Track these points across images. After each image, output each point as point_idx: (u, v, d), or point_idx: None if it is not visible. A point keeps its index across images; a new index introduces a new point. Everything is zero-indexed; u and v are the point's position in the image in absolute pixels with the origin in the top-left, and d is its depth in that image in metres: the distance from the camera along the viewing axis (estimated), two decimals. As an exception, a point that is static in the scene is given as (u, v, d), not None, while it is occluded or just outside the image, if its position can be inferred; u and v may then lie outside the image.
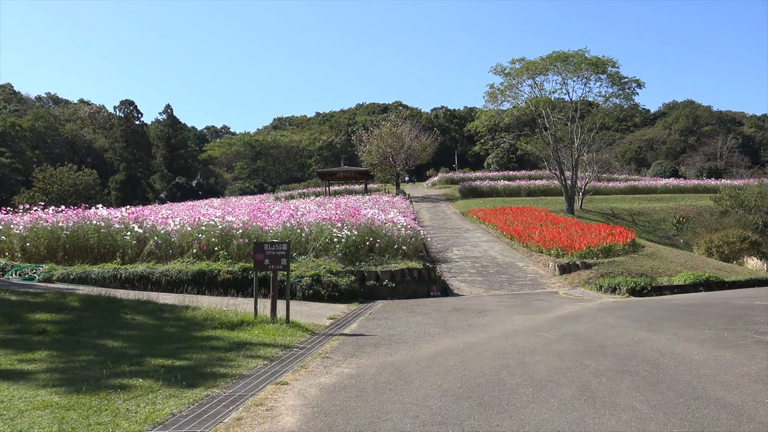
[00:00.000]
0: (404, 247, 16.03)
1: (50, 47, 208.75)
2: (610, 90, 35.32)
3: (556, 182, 39.03)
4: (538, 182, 48.63)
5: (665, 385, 5.70)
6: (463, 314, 11.00)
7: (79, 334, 8.09)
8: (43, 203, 19.33)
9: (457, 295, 14.71)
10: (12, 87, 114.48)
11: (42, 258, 15.45)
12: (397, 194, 44.04)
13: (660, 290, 14.90)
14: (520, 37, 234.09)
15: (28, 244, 15.87)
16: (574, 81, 35.38)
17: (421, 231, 19.14)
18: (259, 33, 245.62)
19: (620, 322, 9.55)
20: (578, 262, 17.22)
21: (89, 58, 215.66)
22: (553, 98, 36.84)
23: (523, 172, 58.68)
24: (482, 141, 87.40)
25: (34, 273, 13.92)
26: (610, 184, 50.21)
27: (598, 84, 36.02)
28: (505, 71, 35.99)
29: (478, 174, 60.50)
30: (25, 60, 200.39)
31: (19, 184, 66.95)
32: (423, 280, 14.60)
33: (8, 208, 19.08)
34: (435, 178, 62.52)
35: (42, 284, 13.05)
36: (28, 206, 18.56)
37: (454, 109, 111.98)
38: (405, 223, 17.53)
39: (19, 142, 77.31)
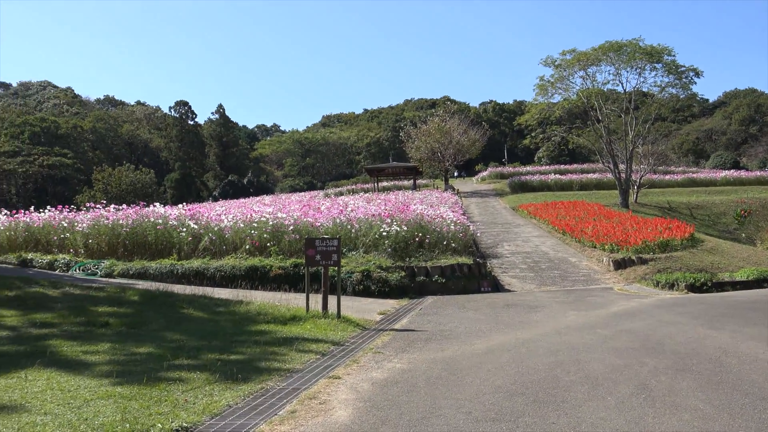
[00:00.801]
0: (453, 243, 15.90)
1: (108, 51, 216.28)
2: (666, 80, 34.14)
3: (609, 176, 38.00)
4: (591, 176, 47.46)
5: (729, 385, 5.49)
6: (515, 310, 10.85)
7: (139, 327, 8.38)
8: (104, 201, 20.06)
9: (508, 291, 14.52)
10: (73, 91, 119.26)
11: (103, 254, 16.05)
12: (446, 189, 43.75)
13: (721, 286, 14.34)
14: (570, 28, 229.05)
15: (90, 241, 16.50)
16: (627, 71, 34.35)
17: (471, 226, 18.98)
18: (308, 32, 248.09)
19: (679, 319, 9.24)
20: (634, 258, 16.75)
21: (145, 61, 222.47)
22: (605, 89, 35.87)
23: (574, 166, 57.30)
24: (532, 135, 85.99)
25: (96, 268, 14.49)
26: (667, 176, 48.59)
27: (653, 74, 34.83)
28: (556, 63, 35.25)
29: (529, 168, 59.51)
30: (84, 64, 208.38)
31: (81, 183, 69.67)
32: (473, 275, 14.47)
33: (71, 206, 19.92)
34: (484, 173, 61.84)
35: (104, 279, 13.58)
36: (90, 205, 19.33)
37: (503, 103, 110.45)
38: (454, 219, 17.39)
39: (81, 143, 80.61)
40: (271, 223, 15.21)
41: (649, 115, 35.77)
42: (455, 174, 67.24)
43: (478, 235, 22.66)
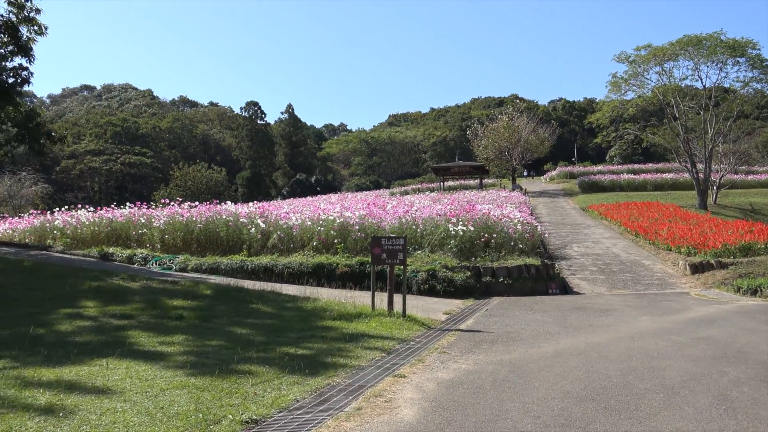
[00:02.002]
0: (521, 244, 15.66)
1: (183, 53, 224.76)
2: (750, 74, 32.39)
3: (686, 175, 36.34)
4: (666, 176, 45.61)
5: (820, 399, 5.13)
6: (584, 313, 10.56)
7: (211, 320, 8.65)
8: (179, 199, 20.85)
9: (577, 293, 14.17)
10: (152, 92, 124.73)
11: (178, 249, 16.68)
12: (514, 189, 43.05)
13: (810, 293, 13.46)
14: (644, 23, 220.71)
15: (166, 236, 17.20)
16: (707, 66, 32.80)
17: (539, 227, 18.63)
18: (375, 33, 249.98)
19: (763, 327, 8.74)
20: (712, 261, 15.98)
21: (217, 63, 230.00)
22: (683, 85, 34.39)
23: (649, 165, 55.13)
24: (604, 133, 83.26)
25: (172, 263, 15.09)
26: (750, 177, 46.08)
27: (735, 68, 33.19)
28: (630, 59, 34.04)
29: (600, 167, 57.77)
30: (162, 66, 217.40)
31: (158, 181, 72.73)
32: (541, 277, 14.21)
33: (149, 203, 20.80)
34: (553, 173, 60.51)
35: (178, 273, 14.09)
36: (166, 201, 20.13)
37: (573, 101, 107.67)
38: (521, 219, 17.11)
39: (158, 142, 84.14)
40: (338, 221, 15.40)
41: (730, 112, 34.04)
42: (525, 173, 66.05)
43: (546, 235, 22.20)
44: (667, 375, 6.02)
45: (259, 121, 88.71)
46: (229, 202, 18.06)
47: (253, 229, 15.80)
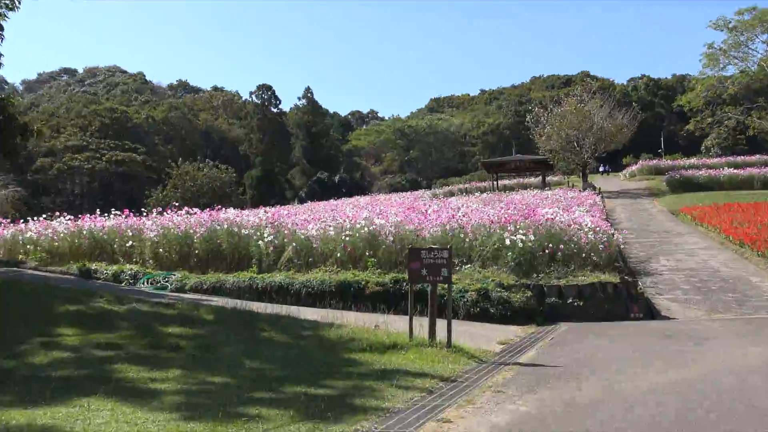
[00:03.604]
0: (594, 256, 15.47)
1: (180, 32, 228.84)
2: None
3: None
4: (779, 171, 44.61)
5: None
6: (676, 342, 10.35)
7: (214, 351, 8.73)
8: (177, 203, 21.16)
9: (666, 317, 13.92)
10: (144, 76, 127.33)
11: (174, 265, 16.94)
12: (585, 188, 42.57)
13: None
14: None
15: (160, 250, 17.48)
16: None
17: (616, 235, 18.34)
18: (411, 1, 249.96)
19: None
20: (840, 278, 15.52)
21: (221, 41, 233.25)
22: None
23: (756, 158, 53.89)
24: (698, 118, 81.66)
25: (166, 282, 15.35)
26: None
27: None
28: (730, 25, 33.59)
29: (693, 161, 56.80)
30: (155, 47, 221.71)
31: (152, 182, 73.84)
32: (619, 297, 14.01)
33: (141, 208, 21.17)
34: (634, 167, 59.63)
35: (174, 294, 14.31)
36: (160, 209, 20.46)
37: (659, 79, 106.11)
38: (594, 226, 16.89)
39: (152, 135, 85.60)
40: (366, 230, 15.47)
41: None
42: (600, 169, 65.19)
43: (626, 246, 21.86)
44: (784, 423, 5.84)
45: (272, 109, 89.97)
46: (231, 210, 18.30)
47: (264, 240, 15.97)
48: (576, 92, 54.54)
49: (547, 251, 15.03)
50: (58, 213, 21.92)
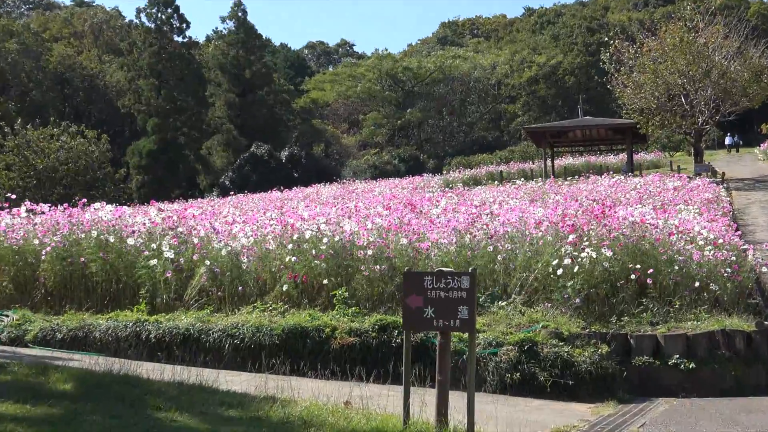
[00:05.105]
0: (713, 286, 11.96)
1: None
2: None
3: None
4: None
5: None
6: None
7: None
8: (12, 194, 17.01)
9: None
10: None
11: (7, 299, 13.63)
12: (698, 173, 32.89)
13: None
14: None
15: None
16: None
17: (750, 251, 14.33)
18: None
19: None
20: None
21: None
22: None
23: None
24: None
25: (-5, 327, 12.13)
26: None
27: None
28: None
29: None
30: None
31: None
32: (757, 356, 10.87)
33: None
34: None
35: (7, 349, 11.19)
36: None
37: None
38: (715, 236, 13.31)
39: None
40: (333, 241, 12.23)
41: None
42: (726, 141, 52.68)
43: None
44: None
45: (176, 37, 62.20)
46: (105, 206, 14.23)
47: (156, 261, 12.32)
48: (684, 13, 40.12)
49: (634, 278, 11.71)
50: None
